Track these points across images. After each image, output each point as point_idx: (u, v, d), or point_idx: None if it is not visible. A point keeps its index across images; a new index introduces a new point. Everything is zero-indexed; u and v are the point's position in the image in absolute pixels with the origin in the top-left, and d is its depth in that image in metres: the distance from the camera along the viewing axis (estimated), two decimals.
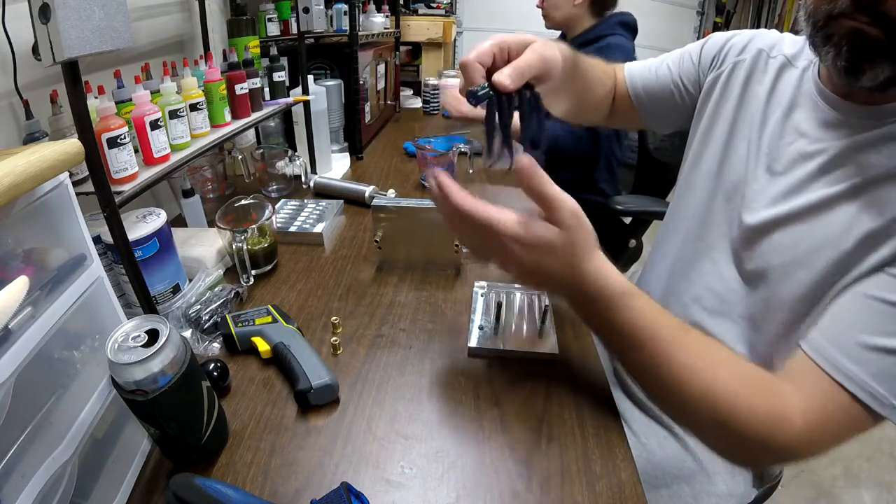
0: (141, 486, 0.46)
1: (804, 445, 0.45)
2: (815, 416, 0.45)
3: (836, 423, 0.45)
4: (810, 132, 0.56)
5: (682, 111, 0.75)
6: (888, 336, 0.44)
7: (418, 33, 2.10)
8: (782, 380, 0.48)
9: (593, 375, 0.60)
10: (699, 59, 0.72)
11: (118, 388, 0.40)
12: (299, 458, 0.49)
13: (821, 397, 0.45)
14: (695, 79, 0.73)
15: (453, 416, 0.54)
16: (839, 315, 0.49)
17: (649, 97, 0.77)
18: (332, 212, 0.97)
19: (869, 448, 1.53)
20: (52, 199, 0.40)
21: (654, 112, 0.78)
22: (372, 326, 0.68)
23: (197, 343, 0.62)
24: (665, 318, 0.48)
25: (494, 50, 0.48)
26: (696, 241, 0.68)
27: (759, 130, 0.62)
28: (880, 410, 0.43)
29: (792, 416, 0.45)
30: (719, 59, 0.70)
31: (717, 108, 0.68)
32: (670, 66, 0.75)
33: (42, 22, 0.44)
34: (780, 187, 0.57)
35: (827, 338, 0.47)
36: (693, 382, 0.46)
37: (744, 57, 0.66)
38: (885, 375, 0.43)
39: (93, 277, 0.44)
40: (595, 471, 0.48)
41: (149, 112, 0.63)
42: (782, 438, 0.45)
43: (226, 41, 1.05)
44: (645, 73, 0.77)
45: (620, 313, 0.47)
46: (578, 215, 0.46)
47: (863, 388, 0.44)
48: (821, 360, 0.46)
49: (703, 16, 3.48)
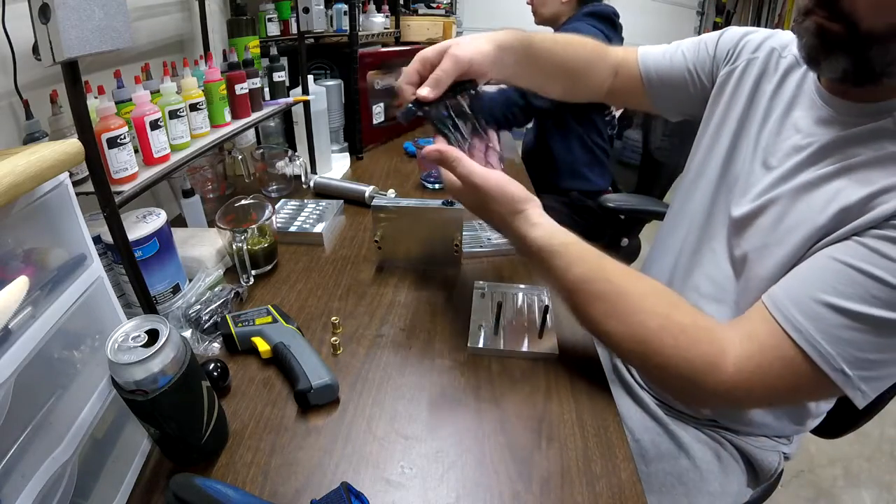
0: (141, 486, 0.46)
1: (734, 391, 0.48)
2: (750, 364, 0.47)
3: (774, 372, 0.47)
4: (805, 128, 0.57)
5: (694, 99, 0.75)
6: (844, 298, 0.44)
7: (418, 33, 2.10)
8: (732, 327, 0.51)
9: (593, 375, 0.60)
10: (715, 50, 0.72)
11: (118, 388, 0.40)
12: (299, 458, 0.49)
13: (761, 346, 0.47)
14: (709, 69, 0.73)
15: (453, 416, 0.54)
16: (801, 273, 0.50)
17: (662, 82, 0.77)
18: (332, 212, 0.97)
19: (869, 448, 1.53)
20: (52, 199, 0.40)
21: (666, 97, 0.78)
22: (372, 326, 0.68)
23: (197, 343, 0.62)
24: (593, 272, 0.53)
25: (417, 67, 0.56)
26: (700, 231, 0.70)
27: (761, 127, 0.63)
28: (827, 370, 0.44)
29: (723, 362, 0.48)
30: (734, 54, 0.70)
31: (729, 104, 0.69)
32: (685, 53, 0.75)
33: (42, 22, 0.44)
34: (771, 178, 0.58)
35: (784, 290, 0.49)
36: (616, 327, 0.51)
37: (757, 55, 0.67)
38: (834, 336, 0.44)
39: (93, 277, 0.44)
40: (595, 471, 0.48)
41: (149, 112, 0.63)
42: (711, 382, 0.48)
43: (226, 41, 1.05)
44: (659, 58, 0.77)
45: (554, 261, 0.54)
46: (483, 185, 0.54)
47: (809, 342, 0.45)
48: (774, 310, 0.48)
49: (703, 16, 3.49)
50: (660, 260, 0.78)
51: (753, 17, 3.44)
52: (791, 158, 0.57)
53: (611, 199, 1.33)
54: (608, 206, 1.32)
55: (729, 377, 0.47)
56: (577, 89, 0.78)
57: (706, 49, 0.73)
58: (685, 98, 0.76)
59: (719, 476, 0.66)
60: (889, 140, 0.49)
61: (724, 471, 0.67)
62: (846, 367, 0.44)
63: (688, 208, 0.73)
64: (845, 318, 0.44)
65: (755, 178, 0.61)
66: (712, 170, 0.69)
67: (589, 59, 0.77)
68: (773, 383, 0.47)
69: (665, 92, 0.77)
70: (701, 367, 0.48)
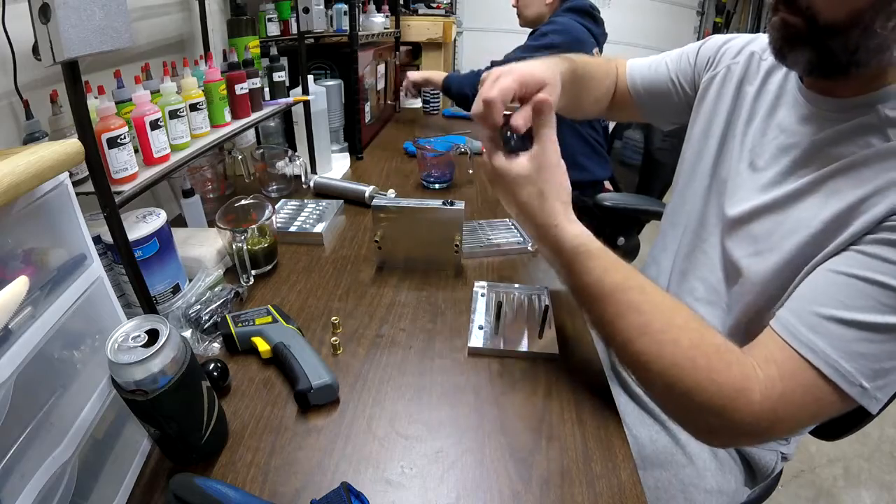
0: (141, 486, 0.46)
1: (763, 421, 0.44)
2: (776, 392, 0.44)
3: (798, 399, 0.44)
4: (789, 127, 0.58)
5: (679, 108, 0.78)
6: (853, 310, 0.43)
7: (418, 33, 2.10)
8: (746, 354, 0.47)
9: (593, 375, 0.60)
10: (696, 59, 0.75)
11: (118, 388, 0.40)
12: (299, 458, 0.49)
13: (780, 371, 0.45)
14: (691, 78, 0.76)
15: (453, 416, 0.54)
16: (806, 291, 0.48)
17: (648, 93, 0.80)
18: (332, 212, 0.97)
19: (869, 448, 1.53)
20: (52, 199, 0.40)
21: (653, 107, 0.81)
22: (372, 326, 0.68)
23: (197, 343, 0.62)
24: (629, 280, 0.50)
25: (515, 88, 0.53)
26: (693, 234, 0.70)
27: (746, 128, 0.64)
28: (847, 389, 0.42)
29: (751, 389, 0.44)
30: (714, 61, 0.72)
31: (713, 108, 0.70)
32: (668, 64, 0.78)
33: (42, 22, 0.44)
34: (760, 181, 0.59)
35: (792, 311, 0.47)
36: (650, 345, 0.47)
37: (738, 60, 0.69)
38: (851, 352, 0.43)
39: (93, 277, 0.44)
40: (595, 471, 0.48)
41: (149, 112, 0.63)
42: (740, 411, 0.44)
43: (226, 41, 1.05)
44: (644, 71, 0.80)
45: (590, 262, 0.51)
46: (548, 164, 0.52)
47: (826, 362, 0.43)
48: (786, 334, 0.46)
49: (703, 16, 3.48)
50: (658, 262, 0.78)
51: (753, 17, 3.43)
52: (778, 160, 0.57)
53: (607, 199, 1.34)
54: (605, 205, 1.32)
55: (758, 405, 0.44)
56: (590, 107, 0.81)
57: (688, 59, 0.76)
58: (671, 107, 0.79)
59: (717, 474, 0.66)
60: (875, 135, 0.49)
61: (721, 469, 0.67)
62: (864, 381, 0.42)
63: (682, 211, 0.74)
64: (858, 331, 0.43)
65: (742, 180, 0.61)
66: (702, 174, 0.70)
67: (603, 80, 0.80)
68: (798, 410, 0.44)
69: (652, 103, 0.80)
70: (730, 394, 0.44)
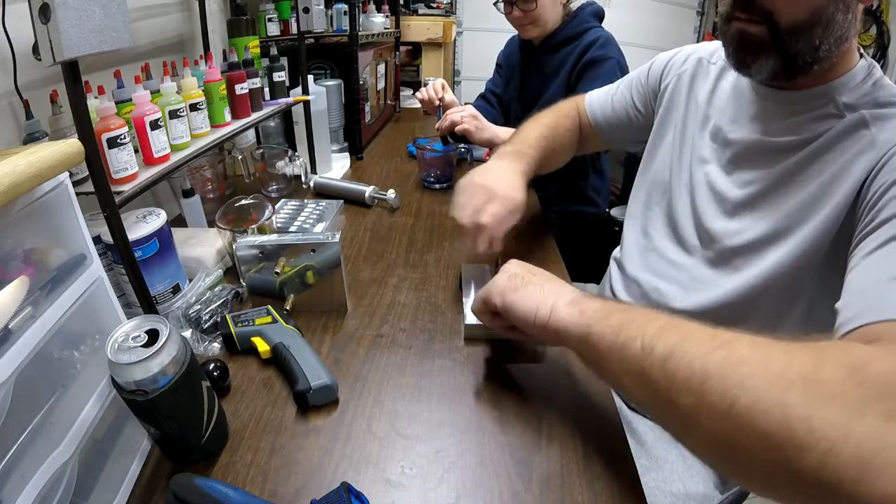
0: (141, 486, 0.46)
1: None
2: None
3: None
4: (748, 124, 0.61)
5: (639, 129, 0.82)
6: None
7: (418, 33, 2.10)
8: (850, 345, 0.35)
9: (593, 375, 0.60)
10: (647, 80, 0.80)
11: (118, 388, 0.41)
12: (299, 458, 0.49)
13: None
14: (645, 99, 0.80)
15: (453, 417, 0.54)
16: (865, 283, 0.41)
17: (608, 123, 0.85)
18: (332, 212, 0.97)
19: None
20: (52, 199, 0.40)
21: (616, 135, 0.86)
22: (372, 326, 0.68)
23: (197, 343, 0.62)
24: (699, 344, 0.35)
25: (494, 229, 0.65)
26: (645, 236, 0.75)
27: (701, 129, 0.67)
28: None
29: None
30: (665, 75, 0.76)
31: (666, 115, 0.75)
32: (623, 90, 0.83)
33: (42, 22, 0.44)
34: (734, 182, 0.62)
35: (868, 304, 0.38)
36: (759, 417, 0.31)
37: (685, 67, 0.73)
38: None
39: (93, 277, 0.44)
40: (595, 471, 0.48)
41: (149, 112, 0.63)
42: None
43: (226, 41, 1.05)
44: (603, 100, 0.86)
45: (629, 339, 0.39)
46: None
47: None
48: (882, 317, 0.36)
49: (703, 16, 3.48)
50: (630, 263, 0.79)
51: None
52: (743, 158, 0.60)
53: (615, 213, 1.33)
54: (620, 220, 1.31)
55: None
56: (560, 162, 0.88)
57: (639, 81, 0.81)
58: (633, 130, 0.83)
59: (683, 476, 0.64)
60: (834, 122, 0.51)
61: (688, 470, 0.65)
62: None
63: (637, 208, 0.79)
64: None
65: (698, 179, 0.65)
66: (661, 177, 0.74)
67: (570, 136, 0.87)
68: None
69: (612, 130, 0.85)
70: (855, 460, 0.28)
